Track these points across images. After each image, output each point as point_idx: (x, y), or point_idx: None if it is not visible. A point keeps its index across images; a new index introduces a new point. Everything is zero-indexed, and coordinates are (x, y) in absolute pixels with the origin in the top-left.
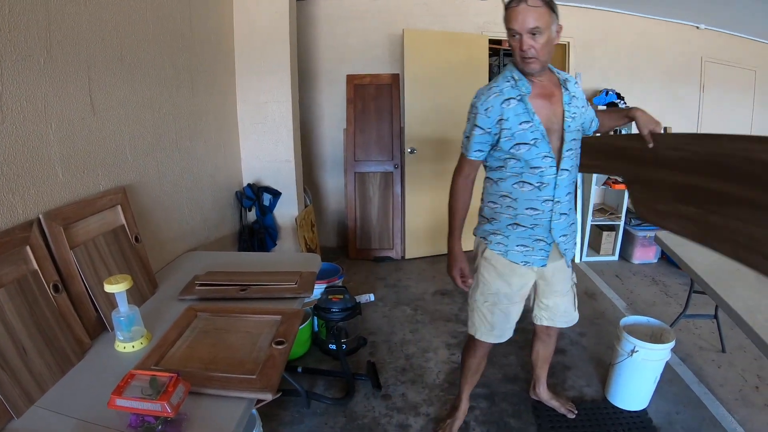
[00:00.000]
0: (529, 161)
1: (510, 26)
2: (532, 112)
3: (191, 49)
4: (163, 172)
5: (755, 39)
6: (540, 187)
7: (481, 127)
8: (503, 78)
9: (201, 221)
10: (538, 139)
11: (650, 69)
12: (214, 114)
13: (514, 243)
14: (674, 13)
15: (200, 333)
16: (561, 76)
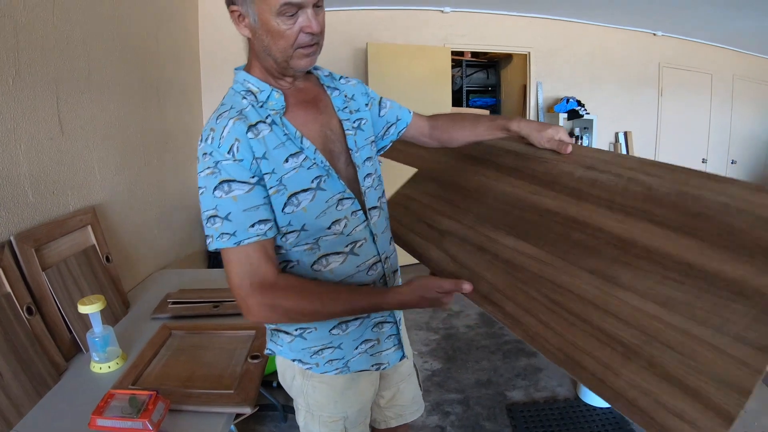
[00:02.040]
0: (320, 218)
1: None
2: (297, 135)
3: (158, 65)
4: (133, 190)
5: (711, 44)
6: (355, 250)
7: (239, 180)
8: (233, 92)
9: (171, 239)
10: (321, 176)
11: (610, 76)
12: (182, 130)
13: (352, 347)
14: (632, 21)
15: (176, 351)
16: (320, 72)
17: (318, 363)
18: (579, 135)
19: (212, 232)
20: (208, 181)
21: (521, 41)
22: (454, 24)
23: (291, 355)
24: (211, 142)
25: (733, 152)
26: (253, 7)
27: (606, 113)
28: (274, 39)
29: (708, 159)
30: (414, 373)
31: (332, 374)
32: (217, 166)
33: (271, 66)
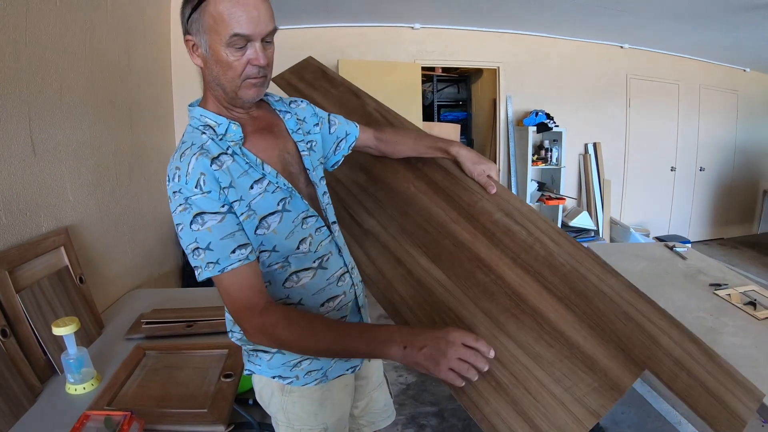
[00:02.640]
0: (289, 238)
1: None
2: (257, 162)
3: (129, 84)
4: (105, 211)
5: (677, 54)
6: (323, 264)
7: (210, 212)
8: (192, 129)
9: (144, 258)
10: (286, 198)
11: (578, 88)
12: (154, 149)
13: None
14: (599, 35)
15: (150, 371)
16: (270, 98)
17: (298, 375)
18: (549, 147)
19: (199, 263)
20: (184, 217)
21: (491, 56)
22: (425, 40)
23: (270, 372)
24: (179, 180)
25: (701, 159)
26: (205, 38)
27: (575, 125)
28: (223, 69)
29: (677, 167)
30: (384, 382)
31: (312, 386)
32: (188, 201)
33: (220, 96)
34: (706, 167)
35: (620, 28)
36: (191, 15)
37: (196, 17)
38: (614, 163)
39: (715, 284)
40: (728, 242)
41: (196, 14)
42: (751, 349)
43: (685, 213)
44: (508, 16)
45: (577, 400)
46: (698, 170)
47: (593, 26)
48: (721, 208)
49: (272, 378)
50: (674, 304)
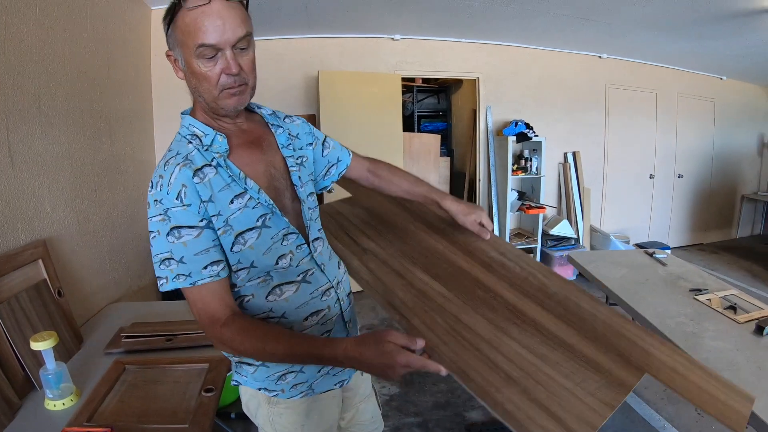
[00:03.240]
0: (266, 254)
1: (198, 40)
2: (240, 176)
3: (109, 95)
4: (84, 223)
5: (654, 64)
6: (307, 278)
7: (188, 226)
8: (180, 137)
9: (124, 271)
10: (266, 214)
11: (557, 98)
12: (133, 161)
13: (314, 369)
14: (577, 45)
15: (130, 386)
16: (263, 111)
17: (283, 389)
18: (528, 157)
19: (167, 273)
20: (160, 227)
21: (470, 67)
22: (405, 51)
23: (256, 384)
24: (160, 189)
25: (680, 167)
26: (179, 51)
27: (554, 135)
28: (199, 81)
29: (655, 174)
30: (373, 393)
31: (298, 398)
32: (167, 213)
33: (205, 107)
34: (684, 174)
35: (598, 38)
36: (168, 30)
37: (170, 32)
38: (594, 171)
39: (695, 289)
40: (708, 247)
41: (170, 29)
42: (733, 352)
43: (665, 219)
44: (488, 27)
45: (590, 394)
46: (677, 177)
47: (572, 37)
48: (700, 214)
49: (258, 390)
50: (655, 310)
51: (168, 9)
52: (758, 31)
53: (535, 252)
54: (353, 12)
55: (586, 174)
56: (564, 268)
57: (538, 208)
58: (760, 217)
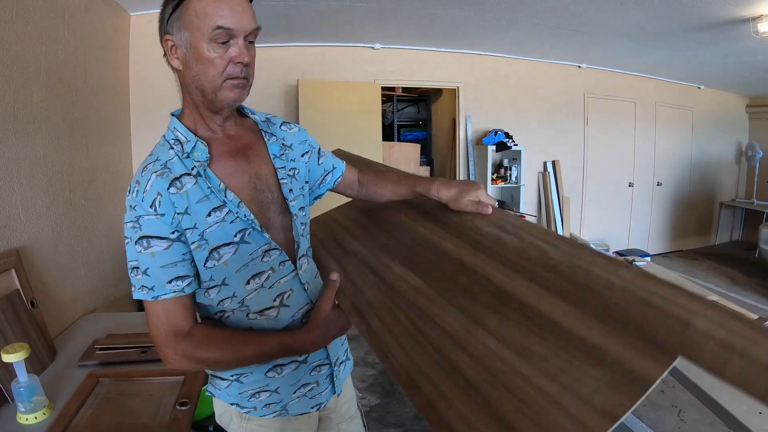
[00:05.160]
0: (240, 271)
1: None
2: (220, 188)
3: (85, 102)
4: (58, 232)
5: (632, 73)
6: (284, 302)
7: (158, 236)
8: (163, 141)
9: (99, 281)
10: (246, 229)
11: (536, 107)
12: (109, 169)
13: (290, 391)
14: (557, 55)
15: (103, 399)
16: (257, 116)
17: (256, 406)
18: (508, 166)
19: (135, 282)
20: (132, 234)
21: (450, 76)
22: (385, 60)
23: (228, 399)
24: (136, 195)
25: (659, 174)
26: (186, 35)
27: (534, 144)
28: (204, 67)
29: (634, 182)
30: (359, 415)
31: (271, 417)
32: (139, 221)
33: (199, 101)
34: (663, 182)
35: (577, 48)
36: (172, 13)
37: (177, 15)
38: (573, 180)
39: None
40: (687, 254)
41: (178, 11)
42: None
43: (644, 227)
44: (468, 37)
45: (581, 399)
46: (656, 185)
47: (551, 47)
48: (679, 221)
49: (231, 405)
50: None
51: None
52: (734, 41)
53: None
54: (333, 21)
55: (565, 183)
56: None
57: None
58: (739, 223)
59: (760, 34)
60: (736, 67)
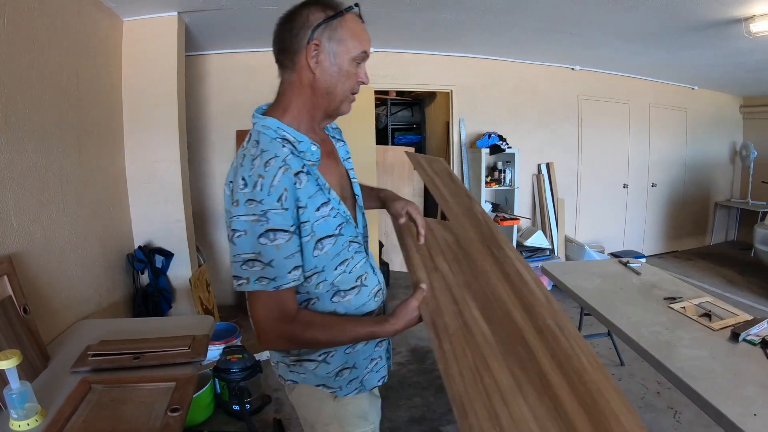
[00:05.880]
0: (334, 259)
1: (365, 47)
2: (326, 187)
3: (78, 107)
4: (51, 238)
5: (626, 75)
6: (364, 281)
7: (282, 229)
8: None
9: (92, 287)
10: (342, 223)
11: (530, 110)
12: (102, 175)
13: (364, 366)
14: (550, 58)
15: (95, 406)
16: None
17: (341, 386)
18: (502, 169)
19: (249, 274)
20: (253, 228)
21: (444, 79)
22: (378, 64)
23: (315, 380)
24: (261, 189)
25: (653, 176)
26: (335, 46)
27: (528, 146)
28: (342, 79)
29: (629, 184)
30: None
31: (353, 395)
32: (266, 215)
33: (321, 104)
34: (657, 183)
35: (571, 50)
36: (324, 22)
37: (332, 25)
38: (567, 182)
39: (670, 298)
40: (682, 255)
41: (332, 24)
42: (708, 360)
43: (639, 228)
44: (461, 40)
45: None
46: (650, 186)
47: (544, 49)
48: (674, 221)
49: (317, 386)
50: (629, 320)
51: (334, 6)
52: (727, 41)
53: None
54: None
55: (560, 185)
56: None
57: (512, 220)
58: (734, 223)
59: (752, 35)
60: (730, 67)
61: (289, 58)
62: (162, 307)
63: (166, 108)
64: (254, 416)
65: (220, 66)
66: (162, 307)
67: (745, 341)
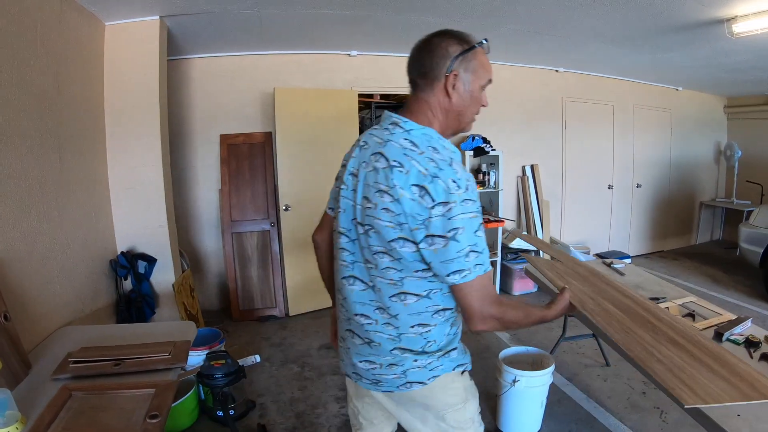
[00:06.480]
0: None
1: (491, 76)
2: None
3: (59, 112)
4: (32, 244)
5: (610, 76)
6: None
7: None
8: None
9: (75, 294)
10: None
11: (515, 112)
12: (84, 180)
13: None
14: (534, 59)
15: (75, 413)
16: None
17: (467, 361)
18: (486, 171)
19: (470, 265)
20: (472, 223)
21: None
22: (362, 67)
23: (453, 364)
24: (472, 192)
25: (638, 176)
26: (469, 76)
27: (512, 148)
28: (473, 104)
29: (614, 184)
30: None
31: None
32: (479, 211)
33: (452, 124)
34: (642, 184)
35: (555, 52)
36: (461, 54)
37: (466, 58)
38: (552, 183)
39: (654, 298)
40: (668, 254)
41: (467, 56)
42: None
43: (624, 229)
44: None
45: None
46: (635, 187)
47: (528, 51)
48: (660, 222)
49: (454, 369)
50: None
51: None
52: (710, 42)
53: (495, 265)
54: (309, 28)
55: (544, 186)
56: (524, 281)
57: (497, 222)
58: (719, 222)
59: (735, 35)
60: (713, 68)
61: (428, 83)
62: (145, 313)
63: (148, 112)
64: (238, 422)
65: (203, 70)
66: (145, 313)
67: (728, 341)
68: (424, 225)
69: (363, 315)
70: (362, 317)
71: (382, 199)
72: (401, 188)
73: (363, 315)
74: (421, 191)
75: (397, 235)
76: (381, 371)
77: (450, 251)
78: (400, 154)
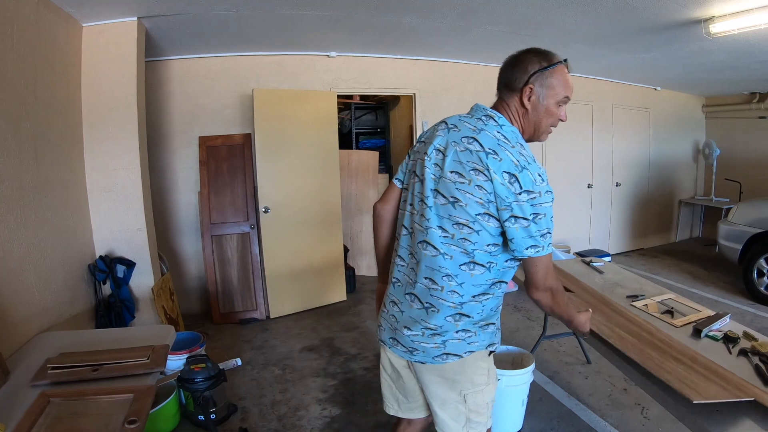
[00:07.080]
0: None
1: (569, 93)
2: None
3: (35, 116)
4: (8, 249)
5: (589, 77)
6: None
7: None
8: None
9: (53, 299)
10: None
11: None
12: (62, 184)
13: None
14: None
15: (53, 420)
16: None
17: (498, 342)
18: None
19: (543, 243)
20: (549, 210)
21: (406, 83)
22: (341, 68)
23: (487, 341)
24: (547, 183)
25: (617, 175)
26: (545, 91)
27: None
28: (547, 116)
29: (593, 184)
30: None
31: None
32: (553, 200)
33: (528, 131)
34: (622, 182)
35: None
36: (539, 71)
37: (545, 74)
38: None
39: (632, 296)
40: (648, 252)
41: (545, 73)
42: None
43: (604, 227)
44: (422, 43)
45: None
46: (615, 186)
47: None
48: (639, 220)
49: (485, 348)
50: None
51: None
52: (688, 42)
53: None
54: (288, 29)
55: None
56: None
57: None
58: (698, 220)
59: (712, 35)
60: (691, 68)
61: (509, 92)
62: (125, 318)
63: (125, 114)
64: (220, 426)
65: (181, 71)
66: (125, 318)
67: (707, 337)
68: (510, 207)
69: (431, 279)
70: (430, 281)
71: (477, 177)
72: (495, 172)
73: (431, 279)
74: (512, 178)
75: (483, 210)
76: (421, 339)
77: (531, 231)
78: (494, 143)
